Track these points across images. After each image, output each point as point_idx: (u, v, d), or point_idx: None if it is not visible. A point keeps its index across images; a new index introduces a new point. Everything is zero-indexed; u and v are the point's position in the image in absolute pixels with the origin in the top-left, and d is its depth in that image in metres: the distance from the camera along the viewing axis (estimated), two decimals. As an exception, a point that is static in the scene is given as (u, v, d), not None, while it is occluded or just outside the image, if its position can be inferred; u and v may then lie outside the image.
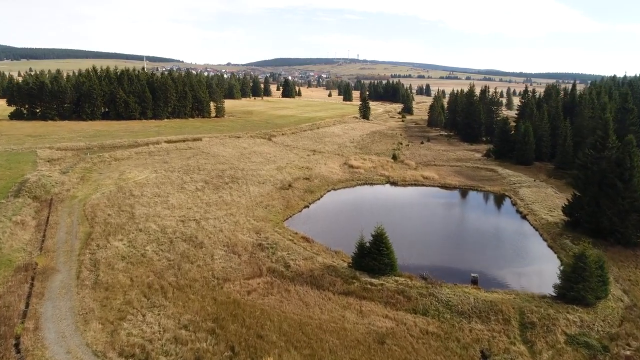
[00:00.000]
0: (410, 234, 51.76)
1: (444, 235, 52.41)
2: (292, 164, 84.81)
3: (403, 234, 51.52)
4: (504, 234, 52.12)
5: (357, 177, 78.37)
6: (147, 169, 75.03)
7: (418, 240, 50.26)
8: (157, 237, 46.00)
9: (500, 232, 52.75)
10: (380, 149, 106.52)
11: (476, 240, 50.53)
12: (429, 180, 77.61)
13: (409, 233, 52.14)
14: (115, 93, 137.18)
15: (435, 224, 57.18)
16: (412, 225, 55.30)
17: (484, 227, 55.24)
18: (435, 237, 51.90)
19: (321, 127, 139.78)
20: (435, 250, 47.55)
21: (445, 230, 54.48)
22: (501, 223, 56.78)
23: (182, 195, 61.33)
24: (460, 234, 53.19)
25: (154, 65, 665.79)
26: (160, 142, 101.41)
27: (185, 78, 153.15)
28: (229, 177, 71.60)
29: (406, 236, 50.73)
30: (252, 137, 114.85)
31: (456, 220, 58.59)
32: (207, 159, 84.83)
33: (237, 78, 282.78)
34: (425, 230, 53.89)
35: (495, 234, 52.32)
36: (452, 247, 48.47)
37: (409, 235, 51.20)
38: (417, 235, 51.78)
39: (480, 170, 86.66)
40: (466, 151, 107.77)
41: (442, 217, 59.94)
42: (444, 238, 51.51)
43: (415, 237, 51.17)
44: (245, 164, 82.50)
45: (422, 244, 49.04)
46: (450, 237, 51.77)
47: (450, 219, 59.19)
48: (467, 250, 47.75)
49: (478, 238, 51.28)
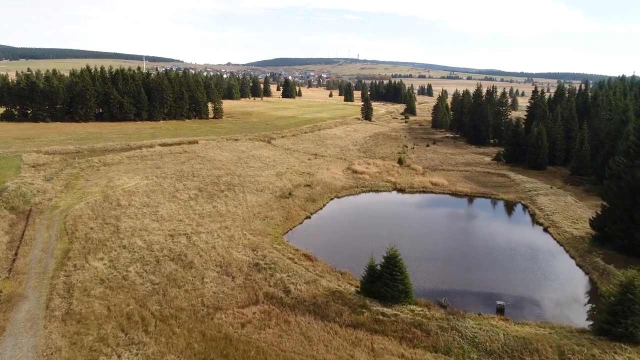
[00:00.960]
0: (422, 250, 46.97)
1: (460, 252, 47.53)
2: (292, 169, 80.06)
3: (414, 249, 46.83)
4: (526, 250, 47.23)
5: (362, 183, 73.60)
6: (138, 175, 70.28)
7: (431, 257, 45.46)
8: (142, 256, 41.25)
9: (521, 248, 47.80)
10: (384, 153, 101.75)
11: (496, 258, 45.71)
12: (438, 186, 72.85)
13: (420, 249, 47.36)
14: (109, 93, 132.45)
15: (449, 237, 52.30)
16: (424, 240, 50.45)
17: (502, 241, 50.37)
18: (450, 253, 47.04)
19: (322, 129, 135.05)
20: (452, 269, 42.70)
21: (460, 246, 49.56)
22: (521, 237, 51.91)
23: (173, 205, 56.57)
24: (478, 249, 48.25)
25: (154, 65, 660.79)
26: (154, 145, 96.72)
27: (181, 78, 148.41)
28: (224, 184, 66.86)
29: (418, 252, 45.99)
30: (250, 139, 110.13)
31: (471, 234, 53.66)
32: (202, 164, 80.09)
33: (236, 78, 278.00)
34: (439, 246, 49.04)
35: (516, 249, 47.43)
36: (470, 266, 43.63)
37: (421, 252, 46.42)
38: (430, 251, 46.97)
39: (491, 175, 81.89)
40: (474, 154, 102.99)
41: (455, 229, 55.08)
42: (461, 255, 46.64)
43: (428, 253, 46.38)
44: (242, 169, 77.76)
45: (437, 262, 44.23)
46: (467, 254, 46.87)
47: (464, 231, 54.31)
48: (487, 269, 42.93)
49: (498, 255, 46.45)
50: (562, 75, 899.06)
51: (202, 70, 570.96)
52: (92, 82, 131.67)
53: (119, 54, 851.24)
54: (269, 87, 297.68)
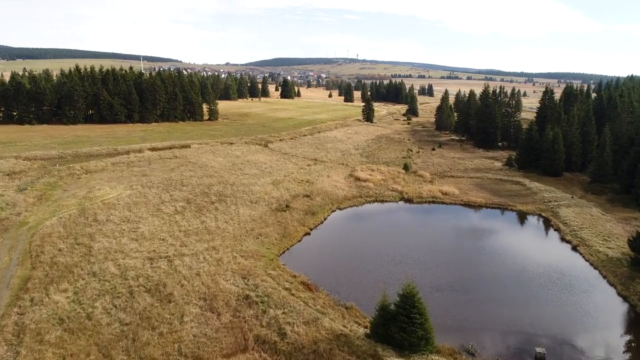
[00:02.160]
0: (438, 276, 41.09)
1: (482, 278, 41.55)
2: (290, 176, 74.11)
3: (429, 274, 41.02)
4: (557, 277, 41.09)
5: (366, 192, 67.68)
6: (122, 184, 64.30)
7: (450, 285, 39.57)
8: (113, 286, 35.30)
9: (551, 273, 41.69)
10: (388, 157, 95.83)
11: (525, 286, 39.68)
12: (449, 196, 66.97)
13: (436, 274, 41.50)
14: (98, 94, 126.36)
15: (468, 259, 46.06)
16: (439, 262, 44.49)
17: (528, 264, 44.25)
18: (471, 280, 41.09)
19: (322, 132, 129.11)
20: (476, 301, 36.73)
21: (482, 270, 43.47)
22: (548, 258, 45.90)
23: (157, 220, 50.60)
24: (502, 275, 42.11)
25: (152, 65, 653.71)
26: (143, 150, 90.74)
27: (175, 78, 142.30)
28: (216, 195, 60.91)
29: (434, 279, 40.14)
30: (246, 143, 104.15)
31: (492, 254, 47.47)
32: (193, 171, 74.13)
33: (233, 78, 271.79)
34: (457, 270, 43.02)
35: (546, 275, 41.39)
36: (496, 297, 37.61)
37: (437, 278, 40.55)
38: (448, 277, 41.08)
39: (504, 183, 76.01)
40: (483, 159, 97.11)
41: (473, 248, 49.10)
42: (483, 282, 40.68)
43: (445, 280, 40.49)
44: (236, 176, 71.82)
45: (457, 292, 38.30)
46: (491, 281, 40.87)
47: (484, 252, 48.24)
48: (517, 301, 36.91)
49: (526, 282, 40.39)
50: (562, 75, 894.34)
51: (201, 70, 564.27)
52: (80, 82, 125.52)
53: (117, 54, 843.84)
54: (267, 87, 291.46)
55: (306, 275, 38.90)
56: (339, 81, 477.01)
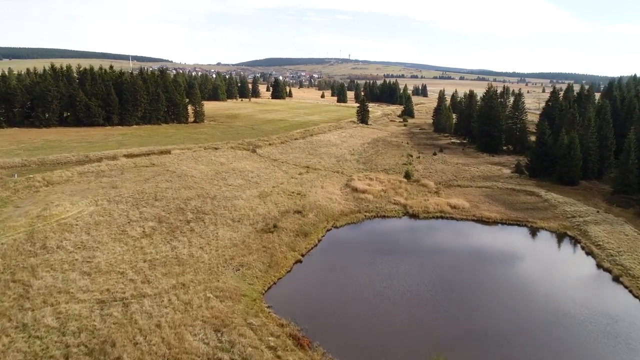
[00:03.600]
0: (462, 321, 33.35)
1: (516, 326, 33.33)
2: (279, 187, 66.12)
3: (447, 321, 33.27)
4: (606, 321, 32.74)
5: (365, 206, 59.89)
6: (85, 199, 55.92)
7: (479, 335, 31.82)
8: (45, 347, 27.08)
9: (599, 318, 32.92)
10: (387, 163, 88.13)
11: (573, 337, 31.71)
12: (459, 210, 59.41)
13: (457, 320, 33.75)
14: (74, 95, 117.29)
15: (494, 299, 37.63)
16: (459, 303, 36.66)
17: (567, 304, 35.86)
18: (503, 328, 33.13)
19: (315, 134, 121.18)
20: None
21: (514, 314, 34.97)
22: (588, 294, 37.91)
23: (119, 246, 42.37)
24: (541, 321, 33.19)
25: (141, 65, 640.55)
26: (118, 156, 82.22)
27: (158, 78, 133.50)
28: (193, 212, 52.79)
29: (455, 327, 32.39)
30: (232, 148, 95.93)
31: (522, 290, 38.49)
32: (170, 182, 65.89)
33: (222, 78, 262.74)
34: (485, 314, 35.00)
35: (592, 320, 32.98)
36: (542, 356, 29.57)
37: (462, 324, 32.81)
38: (475, 323, 33.35)
39: (517, 193, 68.59)
40: (490, 165, 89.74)
41: (497, 282, 41.14)
42: (520, 331, 32.51)
43: (471, 326, 32.79)
44: (219, 188, 63.72)
45: (491, 347, 30.49)
46: (529, 330, 32.40)
47: (510, 286, 40.05)
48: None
49: (573, 332, 32.12)
50: (554, 75, 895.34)
51: (191, 70, 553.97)
52: (54, 82, 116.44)
53: (106, 54, 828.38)
54: (258, 87, 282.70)
55: (297, 324, 30.95)
56: (331, 81, 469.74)
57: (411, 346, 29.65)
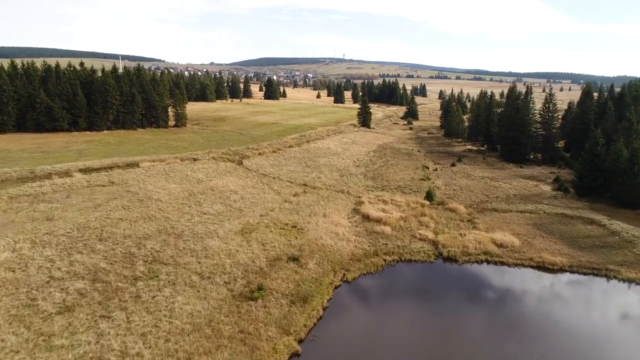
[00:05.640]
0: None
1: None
2: (269, 216, 51.00)
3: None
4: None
5: (383, 245, 44.91)
6: (3, 240, 40.51)
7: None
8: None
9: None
10: (401, 179, 73.18)
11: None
12: (508, 250, 44.59)
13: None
14: (34, 96, 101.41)
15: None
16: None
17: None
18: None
19: (312, 141, 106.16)
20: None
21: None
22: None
23: (14, 336, 27.03)
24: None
25: (133, 64, 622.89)
26: (72, 172, 66.82)
27: (133, 77, 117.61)
28: (146, 261, 37.57)
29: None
30: (215, 159, 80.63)
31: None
32: (127, 209, 50.62)
33: (211, 77, 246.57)
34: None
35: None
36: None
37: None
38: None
39: (573, 222, 53.80)
40: (522, 180, 75.03)
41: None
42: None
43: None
44: (189, 219, 48.53)
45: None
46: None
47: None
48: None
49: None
50: (551, 75, 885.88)
51: (183, 69, 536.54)
52: (9, 81, 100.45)
53: (97, 53, 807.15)
54: (250, 87, 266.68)
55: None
56: (326, 81, 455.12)
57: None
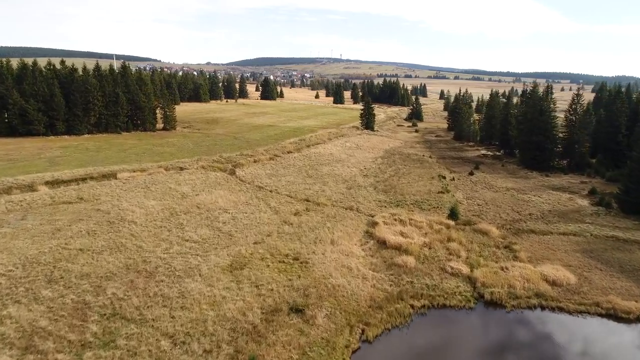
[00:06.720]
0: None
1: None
2: (265, 244, 41.89)
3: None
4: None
5: (408, 283, 35.86)
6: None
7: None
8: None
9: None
10: (417, 191, 64.16)
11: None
12: (564, 290, 35.68)
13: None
14: (6, 97, 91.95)
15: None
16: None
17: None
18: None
19: (312, 145, 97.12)
20: None
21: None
22: None
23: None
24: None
25: (128, 64, 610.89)
26: (37, 185, 57.56)
27: (117, 76, 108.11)
28: (101, 316, 28.44)
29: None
30: (204, 167, 71.45)
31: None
32: (92, 235, 41.45)
33: (205, 77, 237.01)
34: None
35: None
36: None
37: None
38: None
39: (630, 247, 44.93)
40: (553, 192, 66.16)
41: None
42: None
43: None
44: (167, 248, 39.39)
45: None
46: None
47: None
48: None
49: None
50: (549, 75, 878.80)
51: (179, 69, 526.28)
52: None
53: (93, 53, 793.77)
54: (246, 87, 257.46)
55: None
56: (324, 81, 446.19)
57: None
